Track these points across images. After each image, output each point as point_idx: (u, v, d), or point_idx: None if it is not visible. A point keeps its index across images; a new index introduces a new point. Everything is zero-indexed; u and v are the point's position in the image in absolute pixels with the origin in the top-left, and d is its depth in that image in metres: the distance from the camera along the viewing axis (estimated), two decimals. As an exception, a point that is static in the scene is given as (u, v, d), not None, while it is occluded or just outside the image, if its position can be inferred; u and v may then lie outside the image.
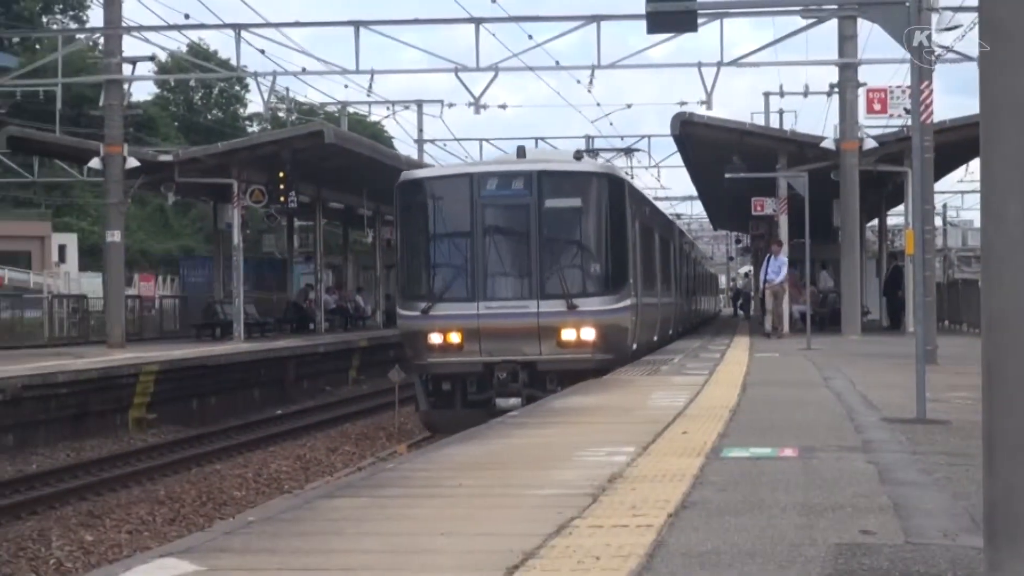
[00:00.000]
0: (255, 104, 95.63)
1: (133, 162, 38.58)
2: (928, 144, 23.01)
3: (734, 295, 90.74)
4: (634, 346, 26.84)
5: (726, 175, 37.15)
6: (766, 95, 49.87)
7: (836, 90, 38.64)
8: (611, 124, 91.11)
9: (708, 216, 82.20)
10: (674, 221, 50.45)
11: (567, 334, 24.38)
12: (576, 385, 21.15)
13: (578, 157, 28.15)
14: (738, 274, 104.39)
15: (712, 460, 11.01)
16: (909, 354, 16.49)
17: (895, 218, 62.99)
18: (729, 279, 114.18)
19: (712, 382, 19.99)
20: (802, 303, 36.73)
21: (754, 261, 65.60)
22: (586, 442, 12.60)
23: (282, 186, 39.57)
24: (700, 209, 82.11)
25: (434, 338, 24.52)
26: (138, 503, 20.44)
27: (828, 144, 37.00)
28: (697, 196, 69.60)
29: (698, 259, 63.42)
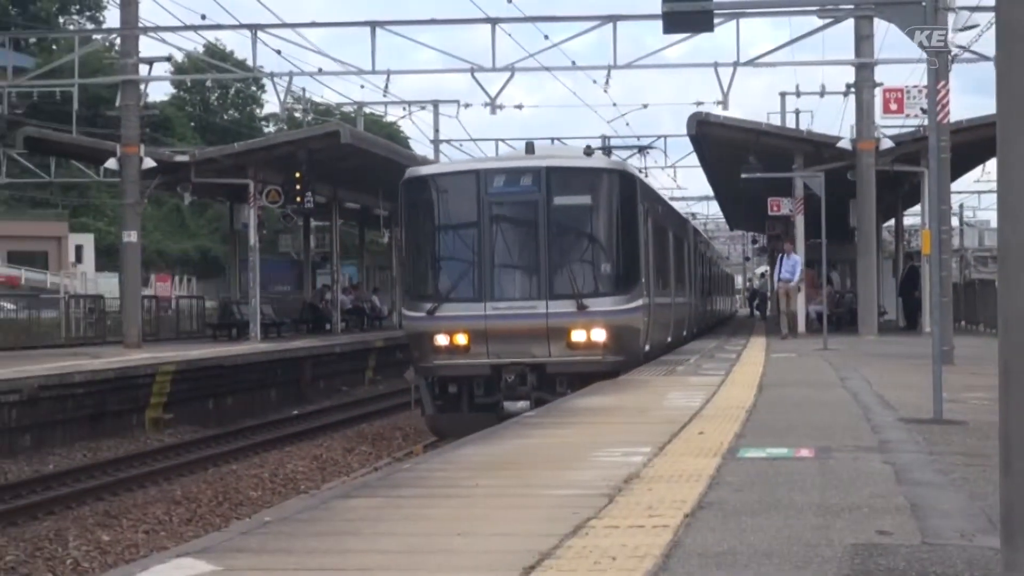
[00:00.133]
0: (271, 104, 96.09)
1: (149, 162, 38.64)
2: (945, 144, 22.98)
3: (750, 295, 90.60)
4: (646, 347, 26.19)
5: (742, 175, 37.13)
6: (782, 95, 49.82)
7: (852, 90, 38.62)
8: (627, 124, 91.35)
9: (724, 216, 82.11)
10: (688, 219, 49.81)
11: (577, 335, 23.78)
12: (592, 385, 20.91)
13: (588, 153, 27.41)
14: (754, 274, 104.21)
15: (728, 460, 11.01)
16: (926, 354, 16.48)
17: (911, 218, 62.96)
18: (745, 279, 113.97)
19: (728, 382, 19.97)
20: (818, 303, 36.71)
21: (770, 261, 65.44)
22: (602, 442, 12.60)
23: (298, 186, 39.59)
24: (716, 209, 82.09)
25: (440, 339, 23.96)
26: (155, 503, 20.46)
27: (844, 144, 36.94)
28: (713, 196, 69.57)
29: (713, 259, 62.64)
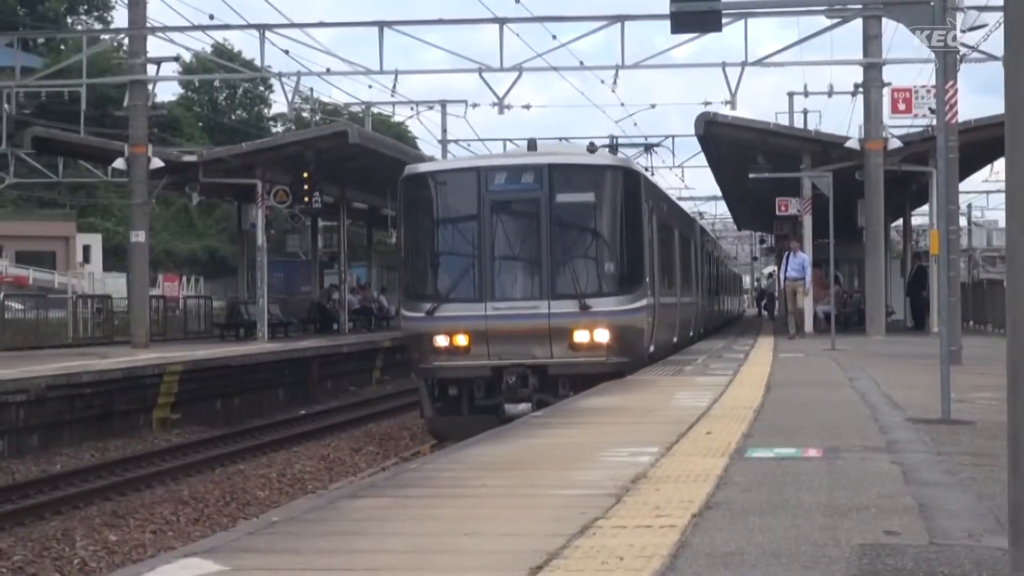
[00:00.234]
0: (279, 104, 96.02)
1: (157, 162, 38.67)
2: (953, 144, 22.99)
3: (758, 295, 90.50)
4: (651, 348, 25.83)
5: (750, 175, 37.16)
6: (790, 95, 49.92)
7: (861, 90, 38.63)
8: (635, 124, 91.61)
9: (732, 216, 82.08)
10: (695, 218, 49.51)
11: (580, 336, 23.30)
12: (599, 386, 20.79)
13: (592, 149, 26.69)
14: (762, 274, 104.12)
15: (736, 460, 11.00)
16: (933, 354, 16.46)
17: (920, 218, 62.90)
18: (753, 279, 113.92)
19: (736, 382, 19.96)
20: (826, 303, 36.68)
21: (778, 261, 65.42)
22: (609, 442, 12.59)
23: (306, 186, 39.60)
24: (724, 209, 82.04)
25: (439, 340, 23.46)
26: (162, 503, 20.47)
27: (852, 144, 36.93)
28: (721, 196, 69.51)
29: (721, 258, 62.23)
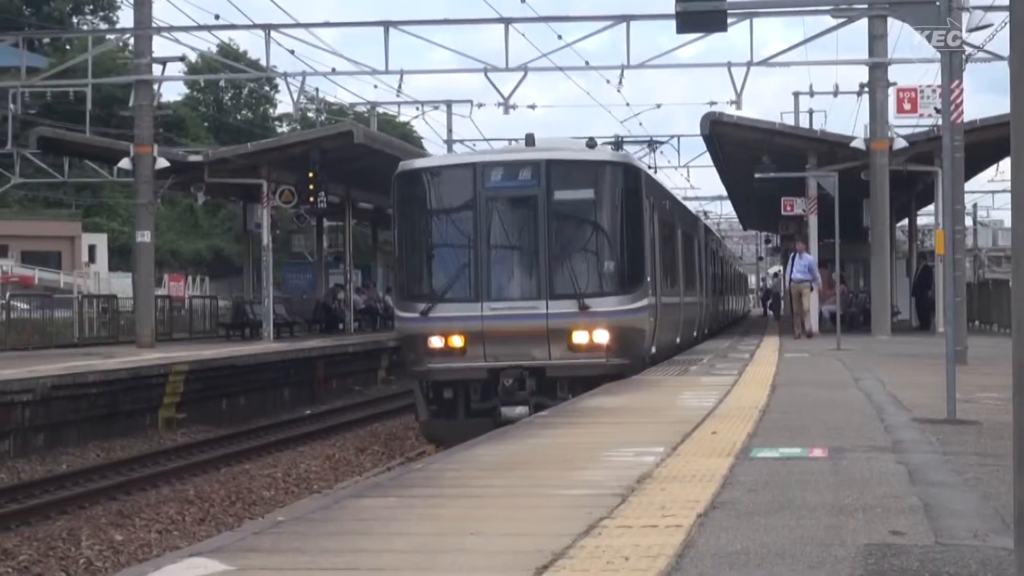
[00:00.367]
0: (285, 104, 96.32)
1: (163, 162, 38.68)
2: (958, 144, 22.94)
3: (763, 295, 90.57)
4: (653, 349, 25.33)
5: (756, 175, 37.12)
6: (796, 95, 49.87)
7: (866, 90, 38.60)
8: (640, 124, 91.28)
9: (738, 216, 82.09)
10: (699, 216, 49.10)
11: (579, 337, 22.74)
12: (604, 386, 20.66)
13: (591, 145, 26.05)
14: (768, 274, 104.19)
15: (742, 461, 10.99)
16: (939, 354, 16.46)
17: (925, 218, 62.88)
18: (759, 279, 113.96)
19: (741, 382, 19.94)
20: (831, 303, 36.66)
21: (783, 261, 65.40)
22: (615, 442, 12.59)
23: (311, 186, 39.54)
24: (729, 209, 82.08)
25: (434, 342, 22.87)
26: (168, 503, 20.48)
27: (858, 144, 36.89)
28: (727, 196, 69.51)
29: (726, 257, 61.88)
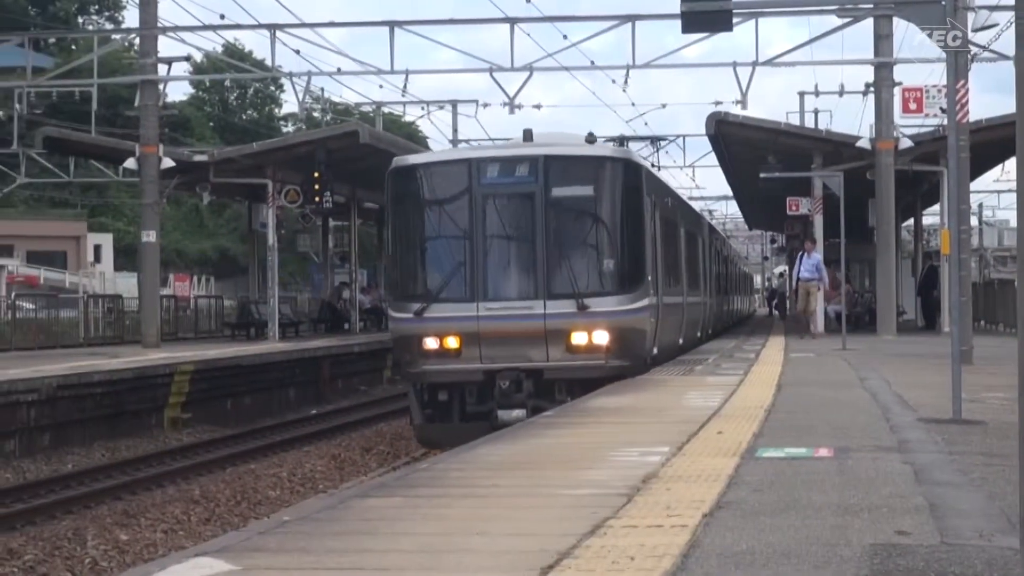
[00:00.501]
0: (290, 104, 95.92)
1: (168, 162, 38.70)
2: (964, 143, 22.95)
3: (769, 295, 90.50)
4: (654, 351, 24.70)
5: (761, 175, 37.10)
6: (801, 94, 49.80)
7: (872, 89, 38.58)
8: (646, 124, 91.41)
9: (743, 216, 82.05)
10: (703, 215, 48.71)
11: (577, 338, 22.23)
12: (609, 386, 20.56)
13: (591, 140, 25.54)
14: (773, 274, 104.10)
15: (747, 460, 10.99)
16: (944, 354, 16.44)
17: (931, 217, 62.76)
18: (764, 279, 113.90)
19: (747, 382, 19.93)
20: (837, 303, 36.64)
21: (789, 261, 65.36)
22: (620, 442, 12.58)
23: (317, 186, 39.58)
24: (735, 209, 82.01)
25: (429, 343, 22.32)
26: (173, 502, 20.49)
27: (863, 144, 36.89)
28: (732, 195, 69.46)
29: (731, 256, 61.59)
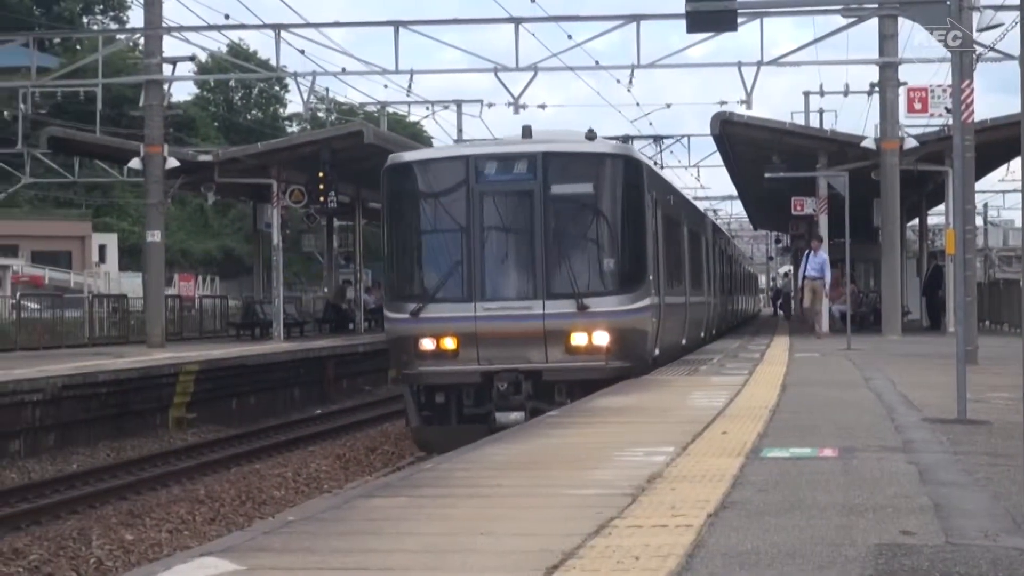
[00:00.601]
0: (295, 104, 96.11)
1: (173, 162, 38.72)
2: (969, 143, 22.90)
3: (774, 295, 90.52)
4: (656, 351, 24.34)
5: (766, 175, 37.10)
6: (806, 94, 49.73)
7: (877, 89, 38.56)
8: (651, 124, 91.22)
9: (748, 216, 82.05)
10: (706, 214, 48.40)
11: (577, 339, 21.95)
12: (613, 386, 20.46)
13: (591, 137, 24.75)
14: (778, 274, 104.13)
15: (752, 460, 10.98)
16: (949, 354, 16.42)
17: (936, 217, 62.84)
18: (769, 279, 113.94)
19: (751, 382, 19.92)
20: (842, 303, 36.62)
21: (794, 261, 65.38)
22: (625, 442, 12.58)
23: (322, 186, 39.55)
24: (740, 208, 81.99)
25: (426, 344, 22.05)
26: (178, 502, 20.49)
27: (868, 143, 36.86)
28: (737, 195, 69.45)
29: (735, 256, 61.39)
